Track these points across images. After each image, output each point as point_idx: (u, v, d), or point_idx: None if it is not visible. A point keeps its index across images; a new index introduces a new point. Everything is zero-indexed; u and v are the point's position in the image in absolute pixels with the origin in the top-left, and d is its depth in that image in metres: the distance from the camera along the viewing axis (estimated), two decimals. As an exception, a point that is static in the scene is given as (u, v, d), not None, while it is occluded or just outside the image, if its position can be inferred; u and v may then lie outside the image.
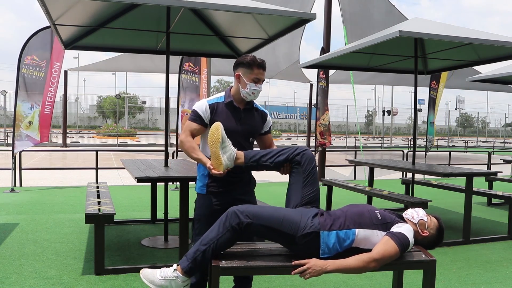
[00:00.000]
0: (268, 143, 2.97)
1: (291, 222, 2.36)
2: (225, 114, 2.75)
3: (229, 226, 2.32)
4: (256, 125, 2.86)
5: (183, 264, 2.35)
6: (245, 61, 2.71)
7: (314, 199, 2.56)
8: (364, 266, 2.28)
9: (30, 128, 7.76)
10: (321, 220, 2.40)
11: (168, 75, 4.38)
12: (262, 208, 2.42)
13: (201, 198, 2.83)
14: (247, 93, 2.73)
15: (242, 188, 2.82)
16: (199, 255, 2.33)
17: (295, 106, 46.73)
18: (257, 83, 2.72)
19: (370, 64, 6.44)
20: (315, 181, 2.59)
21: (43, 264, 3.92)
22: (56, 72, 8.05)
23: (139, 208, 6.57)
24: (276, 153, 2.61)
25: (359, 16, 13.82)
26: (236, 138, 2.72)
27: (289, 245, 2.41)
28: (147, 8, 4.57)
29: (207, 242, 2.33)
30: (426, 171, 5.21)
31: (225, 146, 2.52)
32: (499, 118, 73.45)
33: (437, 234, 2.55)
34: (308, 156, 2.60)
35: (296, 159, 2.59)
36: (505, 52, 5.29)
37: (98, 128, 41.03)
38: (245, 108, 2.81)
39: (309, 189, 2.56)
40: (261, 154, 2.62)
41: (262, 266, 2.32)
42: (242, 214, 2.33)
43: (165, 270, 2.38)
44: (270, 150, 2.64)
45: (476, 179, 6.36)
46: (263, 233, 2.38)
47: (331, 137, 9.65)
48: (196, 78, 8.62)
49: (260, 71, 2.73)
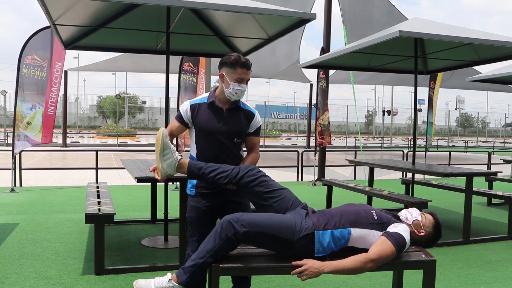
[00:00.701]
0: (250, 146, 2.87)
1: (287, 226, 2.34)
2: (207, 114, 2.73)
3: (225, 237, 2.28)
4: (241, 125, 2.78)
5: (181, 278, 2.33)
6: (228, 61, 2.67)
7: (288, 199, 2.52)
8: (361, 266, 2.28)
9: (28, 128, 7.72)
10: (314, 219, 2.39)
11: (168, 75, 4.38)
12: (257, 215, 2.38)
13: (191, 200, 2.83)
14: (230, 93, 2.69)
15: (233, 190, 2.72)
16: (197, 269, 2.31)
17: (295, 106, 46.71)
18: (240, 83, 2.67)
19: (370, 64, 6.44)
20: (275, 189, 2.52)
21: (43, 264, 3.92)
22: (58, 72, 8.02)
23: (139, 208, 6.57)
24: (220, 172, 2.53)
25: (359, 16, 13.82)
26: (219, 138, 2.71)
27: (286, 250, 2.37)
28: (147, 8, 4.57)
29: (204, 254, 2.30)
30: (426, 171, 5.21)
31: (166, 154, 2.51)
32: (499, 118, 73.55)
33: (434, 231, 2.54)
34: (250, 174, 2.51)
35: (241, 182, 2.50)
36: (505, 52, 5.28)
37: (98, 128, 41.05)
38: (229, 108, 2.75)
39: (275, 197, 2.50)
40: (206, 170, 2.55)
41: (261, 266, 2.32)
42: (237, 223, 2.29)
43: (159, 280, 2.36)
44: (217, 167, 2.55)
45: (476, 179, 6.36)
46: (259, 240, 2.35)
47: (330, 137, 9.64)
48: (194, 79, 8.62)
49: (244, 71, 2.67)
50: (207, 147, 2.74)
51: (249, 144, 2.87)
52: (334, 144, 21.41)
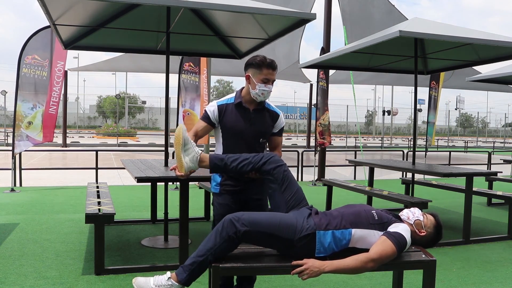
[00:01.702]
0: (273, 145, 2.95)
1: (288, 226, 2.35)
2: (234, 115, 2.78)
3: (225, 236, 2.28)
4: (266, 126, 2.87)
5: (180, 276, 2.32)
6: (255, 62, 2.73)
7: (300, 199, 2.55)
8: (362, 266, 2.28)
9: (30, 128, 7.72)
10: (316, 220, 2.40)
11: (168, 75, 4.38)
12: (258, 214, 2.40)
13: (217, 198, 2.88)
14: (256, 93, 2.74)
15: (255, 188, 2.84)
16: (196, 267, 2.31)
17: (295, 106, 46.66)
18: (266, 83, 2.73)
19: (370, 64, 6.44)
20: (292, 183, 2.56)
21: (43, 264, 3.92)
22: (60, 71, 7.99)
23: (139, 208, 6.57)
24: (242, 160, 2.57)
25: (359, 16, 13.82)
26: (246, 138, 2.77)
27: (287, 249, 2.38)
28: (147, 8, 4.57)
29: (204, 253, 2.30)
30: (426, 171, 5.21)
31: (188, 148, 2.52)
32: (499, 118, 73.45)
33: (435, 232, 2.54)
34: (275, 163, 2.55)
35: (263, 169, 2.55)
36: (505, 52, 5.28)
37: (98, 128, 41.05)
38: (256, 108, 2.82)
39: (289, 193, 2.53)
40: (229, 160, 2.58)
41: (261, 266, 2.32)
42: (238, 222, 2.30)
43: (159, 279, 2.35)
44: (238, 156, 2.59)
45: (476, 179, 6.36)
46: (260, 240, 2.36)
47: (331, 137, 9.65)
48: (196, 78, 8.61)
49: (270, 71, 2.74)
50: (233, 147, 2.78)
51: (272, 144, 2.96)
52: (334, 144, 21.41)
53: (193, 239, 4.79)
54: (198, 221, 5.83)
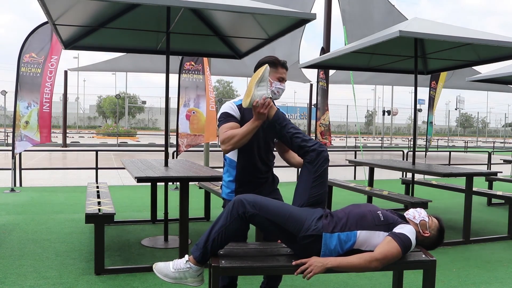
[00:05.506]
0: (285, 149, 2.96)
1: (296, 221, 2.37)
2: (251, 114, 2.73)
3: (235, 215, 2.33)
4: None
5: (195, 253, 2.37)
6: (271, 61, 2.78)
7: (321, 200, 2.57)
8: (366, 264, 2.28)
9: (27, 128, 7.65)
10: (324, 222, 2.40)
11: (168, 75, 4.38)
12: (270, 201, 2.43)
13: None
14: (272, 91, 2.77)
15: (267, 188, 2.88)
16: (209, 244, 2.34)
17: (295, 106, 46.63)
18: (281, 82, 2.80)
19: (370, 64, 6.44)
20: (324, 183, 2.59)
21: (43, 264, 3.92)
22: (53, 66, 7.80)
23: (139, 208, 6.57)
24: (298, 132, 2.60)
25: (359, 16, 13.81)
26: (262, 137, 2.80)
27: (289, 242, 2.41)
28: (147, 8, 4.57)
29: (217, 230, 2.35)
30: (426, 171, 5.21)
31: (263, 86, 2.55)
32: (499, 118, 73.43)
33: (438, 235, 2.55)
34: (323, 157, 2.60)
35: (311, 154, 2.58)
36: (505, 52, 5.28)
37: (98, 128, 41.05)
38: None
39: (317, 190, 2.55)
40: (288, 125, 2.61)
41: (262, 266, 2.32)
42: (249, 204, 2.34)
43: (178, 262, 2.40)
44: (297, 127, 2.64)
45: (476, 179, 6.36)
46: (265, 226, 2.39)
47: (331, 137, 9.65)
48: (200, 76, 8.59)
49: (284, 71, 2.82)
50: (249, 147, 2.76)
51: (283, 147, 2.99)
52: (334, 144, 21.41)
53: (193, 239, 4.79)
54: (198, 221, 5.83)
